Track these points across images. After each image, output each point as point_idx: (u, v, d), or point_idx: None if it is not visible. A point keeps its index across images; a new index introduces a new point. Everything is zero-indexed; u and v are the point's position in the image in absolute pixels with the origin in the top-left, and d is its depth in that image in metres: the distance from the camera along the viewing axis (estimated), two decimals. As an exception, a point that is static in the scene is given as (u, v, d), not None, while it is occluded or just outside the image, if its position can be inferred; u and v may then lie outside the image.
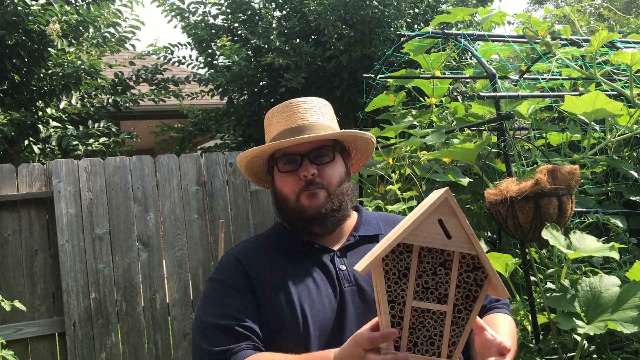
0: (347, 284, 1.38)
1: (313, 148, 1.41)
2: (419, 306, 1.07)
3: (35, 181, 3.75)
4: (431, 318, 1.07)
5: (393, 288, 1.07)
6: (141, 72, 6.00)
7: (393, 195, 2.64)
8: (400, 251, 1.07)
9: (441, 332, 1.07)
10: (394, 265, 1.07)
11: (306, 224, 1.41)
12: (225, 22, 6.17)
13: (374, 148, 1.56)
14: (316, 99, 1.51)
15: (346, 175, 1.46)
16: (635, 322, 1.74)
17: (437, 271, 1.07)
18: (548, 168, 2.08)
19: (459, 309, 1.08)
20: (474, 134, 2.86)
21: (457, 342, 1.08)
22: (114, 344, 3.76)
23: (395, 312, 1.06)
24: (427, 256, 1.07)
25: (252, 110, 5.92)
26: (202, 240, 4.04)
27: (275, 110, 1.49)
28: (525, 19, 2.75)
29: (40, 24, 4.67)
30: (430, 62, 3.09)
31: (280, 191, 1.44)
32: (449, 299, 1.07)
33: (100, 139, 5.12)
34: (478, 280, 1.08)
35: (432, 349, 1.07)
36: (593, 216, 2.43)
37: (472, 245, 1.06)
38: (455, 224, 1.06)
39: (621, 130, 2.55)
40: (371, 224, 1.50)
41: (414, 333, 1.07)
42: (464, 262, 1.07)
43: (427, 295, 1.07)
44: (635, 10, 8.13)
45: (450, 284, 1.07)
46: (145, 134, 6.56)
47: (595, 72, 2.51)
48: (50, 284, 3.72)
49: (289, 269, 1.40)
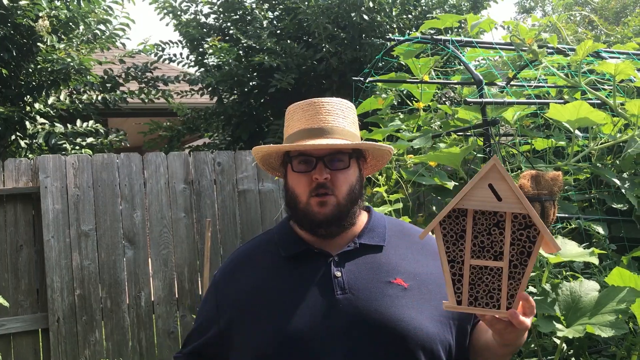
0: (340, 291, 1.36)
1: (329, 152, 1.40)
2: (476, 264, 1.16)
3: (22, 176, 3.73)
4: (489, 274, 1.16)
5: (452, 249, 1.17)
6: (131, 69, 5.99)
7: (380, 198, 2.66)
8: (456, 215, 1.16)
9: (499, 286, 1.16)
10: (451, 228, 1.17)
11: (312, 226, 1.42)
12: (216, 21, 6.18)
13: (390, 157, 1.55)
14: (340, 101, 1.49)
15: (358, 182, 1.45)
16: (612, 326, 1.78)
17: (492, 231, 1.16)
18: (532, 174, 2.12)
19: (514, 264, 1.16)
20: (460, 139, 2.89)
21: (514, 295, 1.16)
22: (97, 341, 3.75)
23: (455, 270, 1.17)
24: (481, 218, 1.16)
25: (242, 111, 5.93)
26: (188, 239, 4.04)
27: (298, 106, 1.48)
28: (513, 26, 2.79)
29: (29, 19, 4.65)
30: (419, 66, 3.12)
31: (292, 190, 1.44)
32: (505, 255, 1.15)
33: (87, 139, 5.10)
34: (531, 237, 1.15)
35: (492, 302, 1.16)
36: (575, 222, 2.47)
37: (522, 205, 1.14)
38: (504, 187, 1.14)
39: (604, 139, 2.59)
40: (376, 232, 1.47)
41: (474, 288, 1.16)
42: (516, 222, 1.15)
43: (484, 253, 1.16)
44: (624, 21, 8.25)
45: (505, 242, 1.15)
46: (133, 131, 6.55)
47: (580, 81, 2.56)
48: (34, 279, 3.71)
49: (283, 278, 1.42)
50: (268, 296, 1.40)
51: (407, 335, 1.31)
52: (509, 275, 1.15)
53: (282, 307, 1.37)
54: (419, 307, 1.36)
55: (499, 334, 1.23)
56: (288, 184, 1.46)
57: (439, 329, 1.35)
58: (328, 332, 1.32)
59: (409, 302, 1.36)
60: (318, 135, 1.41)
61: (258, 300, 1.41)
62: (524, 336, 1.28)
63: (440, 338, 1.35)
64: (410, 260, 1.43)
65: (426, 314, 1.35)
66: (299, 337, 1.32)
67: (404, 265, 1.42)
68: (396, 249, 1.46)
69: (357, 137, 1.49)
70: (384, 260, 1.43)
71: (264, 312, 1.38)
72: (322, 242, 1.44)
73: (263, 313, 1.38)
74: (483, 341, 1.40)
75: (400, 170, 2.68)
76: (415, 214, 2.85)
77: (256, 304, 1.41)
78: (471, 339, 1.45)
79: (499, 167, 1.14)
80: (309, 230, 1.44)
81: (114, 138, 5.39)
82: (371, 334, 1.32)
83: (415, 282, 1.40)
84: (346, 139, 1.42)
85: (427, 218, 2.85)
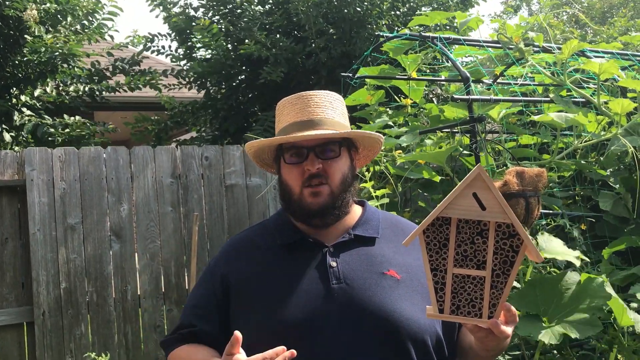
0: (335, 281, 1.38)
1: (320, 143, 1.42)
2: (459, 272, 1.16)
3: (8, 169, 3.71)
4: (471, 283, 1.17)
5: (435, 257, 1.17)
6: (118, 62, 5.95)
7: (367, 193, 2.68)
8: (440, 224, 1.16)
9: (481, 295, 1.16)
10: (435, 237, 1.17)
11: (307, 217, 1.44)
12: (205, 15, 6.15)
13: (381, 146, 1.58)
14: (328, 93, 1.51)
15: (350, 171, 1.47)
16: (587, 324, 1.81)
17: (475, 240, 1.16)
18: (516, 170, 2.14)
19: (497, 274, 1.16)
20: (447, 136, 2.92)
21: (496, 304, 1.16)
22: (83, 335, 3.74)
23: (437, 279, 1.17)
24: (465, 227, 1.16)
25: (230, 104, 5.92)
26: (175, 233, 4.04)
27: (287, 101, 1.50)
28: (500, 24, 2.81)
29: (17, 10, 4.61)
30: (408, 63, 3.14)
31: (286, 182, 1.46)
32: (487, 265, 1.16)
33: (75, 130, 5.07)
34: (514, 247, 1.16)
35: (474, 311, 1.17)
36: (560, 220, 2.51)
37: (506, 215, 1.14)
38: (488, 196, 1.15)
39: (588, 137, 2.63)
40: (370, 225, 1.50)
41: (457, 297, 1.17)
42: (499, 231, 1.15)
43: (467, 262, 1.16)
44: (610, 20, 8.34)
45: (488, 251, 1.15)
46: (120, 125, 6.51)
47: (566, 79, 2.59)
48: (19, 273, 3.68)
49: (279, 265, 1.44)
50: (264, 282, 1.42)
51: (400, 325, 1.34)
52: (491, 285, 1.16)
53: (278, 293, 1.39)
54: (411, 299, 1.39)
55: (480, 340, 1.26)
56: (282, 177, 1.48)
57: (429, 321, 1.37)
58: (323, 321, 1.35)
59: (402, 293, 1.39)
60: (308, 127, 1.43)
61: (255, 284, 1.43)
62: (507, 342, 1.30)
63: (430, 330, 1.39)
64: (403, 253, 1.45)
65: (418, 306, 1.37)
66: (295, 324, 1.35)
67: (397, 258, 1.45)
68: (389, 242, 1.48)
69: (347, 127, 1.52)
70: (378, 252, 1.46)
71: (260, 297, 1.40)
72: (317, 232, 1.46)
73: (259, 298, 1.40)
74: (467, 342, 1.43)
75: (388, 165, 2.69)
76: (403, 209, 2.88)
77: (253, 286, 1.43)
78: (458, 337, 1.48)
79: (484, 175, 1.14)
80: (304, 221, 1.46)
81: (102, 128, 5.36)
82: (365, 324, 1.34)
83: (408, 274, 1.43)
84: (335, 129, 1.45)
85: (413, 214, 2.88)
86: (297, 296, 1.37)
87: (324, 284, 1.38)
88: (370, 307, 1.35)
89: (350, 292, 1.37)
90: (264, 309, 1.39)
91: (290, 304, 1.36)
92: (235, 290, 1.44)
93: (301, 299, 1.37)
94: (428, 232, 1.17)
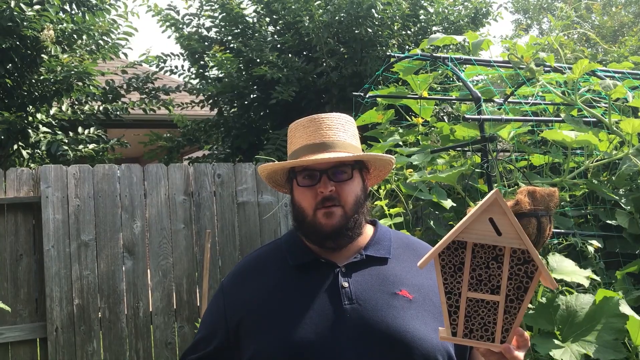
0: (347, 301, 1.39)
1: (332, 165, 1.44)
2: (473, 296, 1.17)
3: (23, 186, 3.76)
4: (485, 307, 1.17)
5: (449, 280, 1.18)
6: (132, 80, 6.04)
7: (379, 211, 2.69)
8: (455, 247, 1.17)
9: (494, 320, 1.17)
10: (450, 260, 1.18)
11: (320, 239, 1.45)
12: (218, 35, 6.24)
13: (392, 166, 1.59)
14: (340, 115, 1.53)
15: (362, 192, 1.48)
16: (611, 348, 1.81)
17: (490, 265, 1.17)
18: (528, 189, 2.15)
19: (510, 299, 1.17)
20: (458, 154, 2.93)
21: (509, 329, 1.17)
22: (95, 351, 3.76)
23: (451, 302, 1.18)
24: (480, 251, 1.17)
25: (242, 122, 5.98)
26: (187, 250, 4.06)
27: (299, 123, 1.52)
28: (510, 45, 2.84)
29: (35, 30, 4.71)
30: (418, 83, 3.17)
31: (299, 204, 1.47)
32: (502, 290, 1.16)
33: (89, 145, 5.14)
34: (529, 273, 1.17)
35: (487, 335, 1.18)
36: (571, 239, 2.51)
37: (521, 240, 1.15)
38: (504, 222, 1.15)
39: (600, 156, 2.64)
40: (382, 245, 1.51)
41: (470, 320, 1.18)
42: (514, 256, 1.16)
43: (481, 286, 1.17)
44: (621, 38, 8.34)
45: (502, 277, 1.16)
46: (133, 142, 6.59)
47: (577, 99, 2.60)
48: (33, 288, 3.72)
49: (291, 286, 1.44)
50: (277, 303, 1.43)
51: (413, 345, 1.35)
52: (504, 310, 1.16)
53: (291, 315, 1.39)
54: (423, 319, 1.39)
55: None
56: (294, 199, 1.49)
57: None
58: (335, 342, 1.35)
59: (414, 313, 1.39)
60: (320, 150, 1.45)
61: (267, 306, 1.43)
62: None
63: (442, 349, 1.38)
64: (415, 272, 1.46)
65: (430, 326, 1.38)
66: (307, 345, 1.35)
67: (409, 278, 1.45)
68: (401, 262, 1.49)
69: (359, 149, 1.53)
70: (390, 272, 1.46)
71: (272, 318, 1.41)
72: (329, 253, 1.47)
73: (272, 320, 1.41)
74: None
75: (400, 185, 2.71)
76: (414, 228, 2.88)
77: (265, 309, 1.43)
78: (470, 356, 1.48)
79: (500, 201, 1.15)
80: (317, 243, 1.46)
81: (115, 143, 5.44)
82: (377, 344, 1.35)
83: (420, 294, 1.43)
84: (347, 152, 1.46)
85: (424, 232, 2.88)
86: (309, 317, 1.38)
87: (336, 305, 1.39)
88: (383, 327, 1.36)
89: (362, 313, 1.38)
90: (276, 330, 1.39)
91: (302, 324, 1.37)
92: (247, 319, 1.45)
93: (313, 320, 1.37)
94: (443, 255, 1.18)
